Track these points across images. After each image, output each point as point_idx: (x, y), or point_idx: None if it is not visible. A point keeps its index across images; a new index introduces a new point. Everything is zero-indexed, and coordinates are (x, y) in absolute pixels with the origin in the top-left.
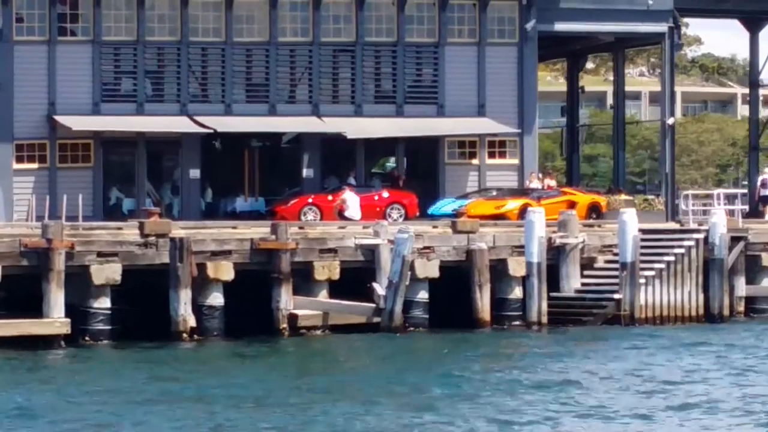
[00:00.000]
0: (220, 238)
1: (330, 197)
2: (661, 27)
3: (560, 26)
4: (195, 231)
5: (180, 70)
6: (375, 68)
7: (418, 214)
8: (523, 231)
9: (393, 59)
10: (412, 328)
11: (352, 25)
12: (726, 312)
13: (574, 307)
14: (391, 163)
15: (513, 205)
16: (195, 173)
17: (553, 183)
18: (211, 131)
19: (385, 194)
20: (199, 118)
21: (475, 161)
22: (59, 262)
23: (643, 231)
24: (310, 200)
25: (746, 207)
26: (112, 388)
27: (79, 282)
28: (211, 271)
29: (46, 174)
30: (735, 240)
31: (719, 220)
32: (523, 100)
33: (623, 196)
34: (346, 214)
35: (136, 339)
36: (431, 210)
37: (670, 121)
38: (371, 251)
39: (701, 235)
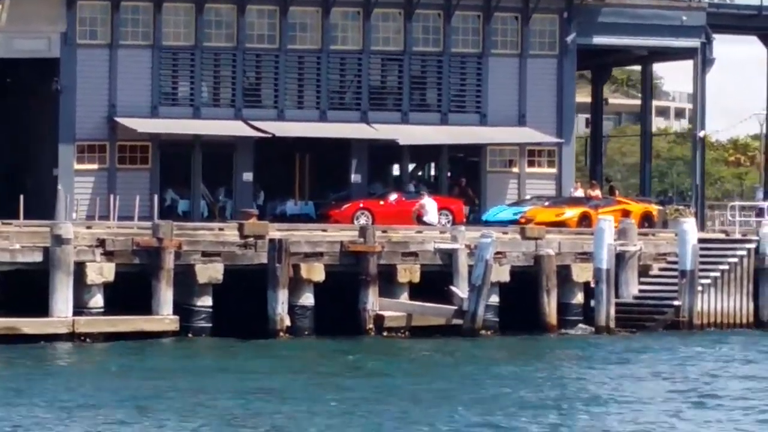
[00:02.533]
0: (313, 240)
1: (381, 202)
2: (694, 42)
3: (598, 39)
4: (288, 233)
5: (235, 75)
6: (421, 77)
7: (465, 220)
8: (585, 238)
9: (438, 69)
10: (483, 331)
11: (400, 35)
12: None
13: (634, 313)
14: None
15: (572, 213)
16: (248, 176)
17: (597, 193)
18: (270, 135)
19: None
20: (252, 123)
21: (515, 169)
22: (169, 261)
23: None
24: (361, 205)
25: None
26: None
27: (183, 280)
28: (304, 272)
29: (105, 174)
30: None
31: None
32: (562, 111)
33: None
34: (425, 219)
35: (235, 336)
36: (485, 217)
37: (701, 134)
38: (449, 255)
39: (753, 245)
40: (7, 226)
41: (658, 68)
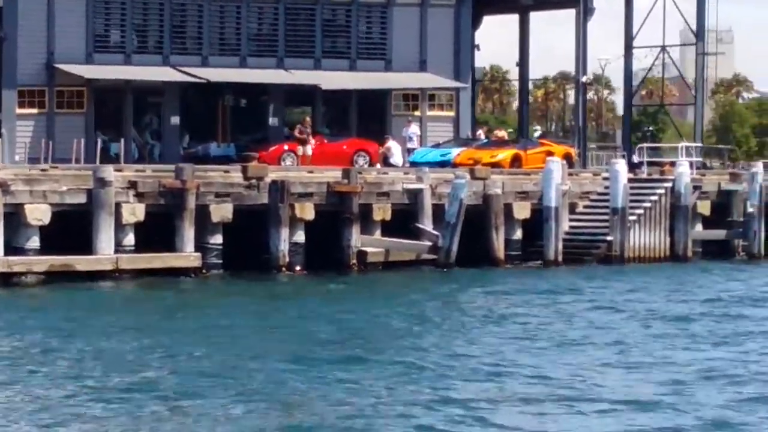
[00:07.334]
0: (305, 181)
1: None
2: None
3: None
4: (283, 175)
5: (163, 23)
6: (332, 25)
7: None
8: (521, 178)
9: (347, 17)
10: None
11: None
12: (689, 254)
13: (570, 248)
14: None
15: (504, 154)
16: (175, 120)
17: (503, 134)
18: (204, 81)
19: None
20: (181, 69)
21: (417, 113)
22: (191, 202)
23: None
24: (286, 147)
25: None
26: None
27: (196, 220)
28: (297, 211)
29: (44, 119)
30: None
31: (684, 171)
32: (459, 57)
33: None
34: (391, 161)
35: (242, 272)
36: (412, 158)
37: (584, 78)
38: (415, 195)
39: (669, 185)
40: (54, 170)
41: None
